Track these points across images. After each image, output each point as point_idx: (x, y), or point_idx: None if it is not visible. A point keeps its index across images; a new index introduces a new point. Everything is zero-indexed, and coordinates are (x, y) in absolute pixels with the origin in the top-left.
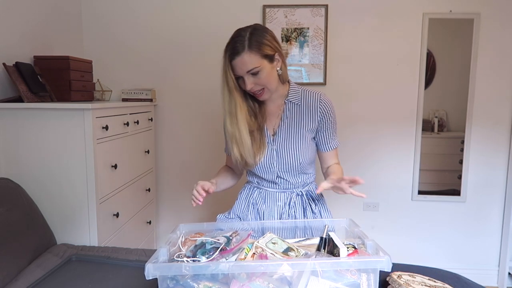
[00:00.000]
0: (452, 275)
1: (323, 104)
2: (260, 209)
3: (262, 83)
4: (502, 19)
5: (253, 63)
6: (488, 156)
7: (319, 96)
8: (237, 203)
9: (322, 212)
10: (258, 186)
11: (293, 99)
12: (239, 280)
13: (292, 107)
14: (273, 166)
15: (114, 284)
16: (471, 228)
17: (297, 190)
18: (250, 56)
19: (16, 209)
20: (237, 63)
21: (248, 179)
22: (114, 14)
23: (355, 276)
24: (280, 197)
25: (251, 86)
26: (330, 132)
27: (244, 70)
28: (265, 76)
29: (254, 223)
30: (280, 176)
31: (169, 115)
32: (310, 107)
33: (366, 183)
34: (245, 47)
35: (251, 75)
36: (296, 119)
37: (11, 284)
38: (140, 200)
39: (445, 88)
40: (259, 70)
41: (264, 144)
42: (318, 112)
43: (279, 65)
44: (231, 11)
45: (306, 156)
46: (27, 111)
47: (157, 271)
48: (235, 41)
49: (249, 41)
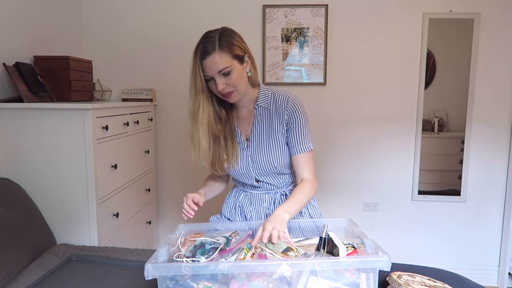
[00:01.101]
0: (452, 275)
1: (290, 104)
2: (246, 211)
3: (233, 84)
4: (502, 19)
5: (224, 63)
6: (488, 156)
7: (287, 98)
8: (225, 205)
9: (309, 209)
10: (244, 189)
11: (262, 103)
12: (238, 280)
13: (263, 111)
14: (250, 172)
15: (114, 284)
16: (471, 228)
17: (280, 190)
18: (221, 55)
19: (16, 209)
20: (208, 63)
21: (234, 183)
22: (114, 14)
23: (355, 275)
24: (265, 198)
25: (222, 86)
26: (300, 133)
27: (215, 70)
28: (236, 77)
29: (254, 223)
30: (260, 180)
31: (169, 115)
32: (278, 110)
33: (366, 183)
34: (216, 47)
35: (223, 75)
36: (267, 123)
37: (11, 284)
38: (140, 200)
39: (445, 88)
40: (230, 70)
41: (236, 151)
42: (285, 113)
43: (248, 67)
44: (231, 11)
45: (281, 160)
46: (27, 111)
47: (156, 271)
48: (205, 42)
49: (219, 41)
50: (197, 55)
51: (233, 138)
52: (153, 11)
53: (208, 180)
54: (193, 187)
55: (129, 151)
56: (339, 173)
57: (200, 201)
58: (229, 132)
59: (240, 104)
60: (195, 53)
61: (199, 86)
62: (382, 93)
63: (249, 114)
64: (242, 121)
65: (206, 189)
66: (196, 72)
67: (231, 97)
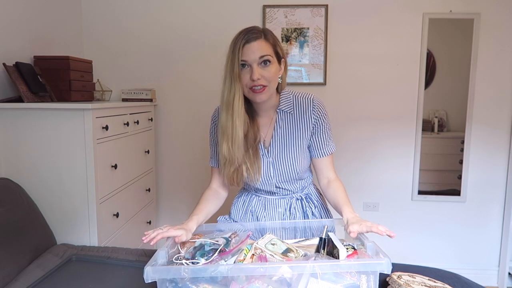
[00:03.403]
0: (452, 275)
1: (316, 107)
2: (260, 216)
3: (268, 77)
4: (502, 19)
5: (268, 50)
6: (488, 156)
7: (312, 101)
8: (234, 209)
9: (322, 214)
10: (256, 194)
11: (285, 107)
12: (238, 282)
13: (285, 116)
14: (271, 179)
15: (114, 284)
16: (471, 228)
17: (296, 195)
18: (266, 43)
19: (16, 209)
20: (251, 47)
21: (244, 186)
22: (114, 14)
23: (355, 277)
24: (280, 204)
25: (258, 76)
26: (326, 136)
27: (257, 55)
28: (273, 72)
29: (254, 223)
30: (279, 186)
31: (169, 115)
32: (303, 114)
33: (366, 183)
34: (262, 36)
35: (262, 64)
36: (290, 128)
37: (11, 284)
38: (140, 200)
39: (445, 88)
40: (270, 60)
41: (259, 162)
42: (312, 117)
43: (281, 73)
44: (231, 11)
45: (303, 165)
46: (27, 111)
47: (156, 274)
48: (249, 30)
49: (264, 33)
50: (239, 41)
51: (257, 148)
52: (153, 11)
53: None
54: (193, 187)
55: (129, 151)
56: (339, 173)
57: (180, 239)
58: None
59: (262, 109)
60: (235, 40)
61: (236, 73)
62: (382, 93)
63: (269, 120)
64: (261, 127)
65: (200, 218)
66: (235, 58)
67: (261, 93)
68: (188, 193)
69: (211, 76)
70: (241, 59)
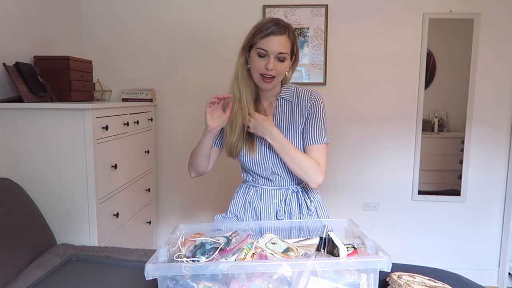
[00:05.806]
0: (452, 275)
1: (313, 97)
2: (256, 207)
3: (279, 71)
4: (502, 19)
5: (287, 48)
6: (488, 156)
7: (310, 92)
8: (234, 202)
9: (318, 209)
10: (254, 184)
11: (285, 95)
12: (238, 280)
13: (284, 103)
14: (267, 162)
15: (114, 284)
16: (471, 228)
17: (292, 187)
18: (287, 41)
19: (16, 209)
20: (275, 41)
21: (244, 178)
22: (114, 14)
23: (355, 276)
24: (276, 195)
25: (272, 67)
26: (317, 125)
27: (277, 49)
28: (284, 67)
29: (253, 223)
30: (275, 173)
31: (169, 115)
32: (300, 101)
33: (366, 183)
34: (286, 32)
35: (278, 58)
36: (288, 115)
37: (11, 284)
38: (140, 200)
39: (445, 88)
40: (285, 58)
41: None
42: (308, 104)
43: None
44: (231, 11)
45: None
46: (27, 111)
47: (156, 271)
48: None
49: (288, 31)
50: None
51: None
52: (153, 11)
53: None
54: (193, 187)
55: (129, 151)
56: (339, 173)
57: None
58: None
59: (264, 95)
60: (262, 26)
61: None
62: (382, 93)
63: (270, 106)
64: (262, 113)
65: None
66: (258, 33)
67: (270, 82)
68: (188, 193)
69: (211, 76)
70: (262, 48)
